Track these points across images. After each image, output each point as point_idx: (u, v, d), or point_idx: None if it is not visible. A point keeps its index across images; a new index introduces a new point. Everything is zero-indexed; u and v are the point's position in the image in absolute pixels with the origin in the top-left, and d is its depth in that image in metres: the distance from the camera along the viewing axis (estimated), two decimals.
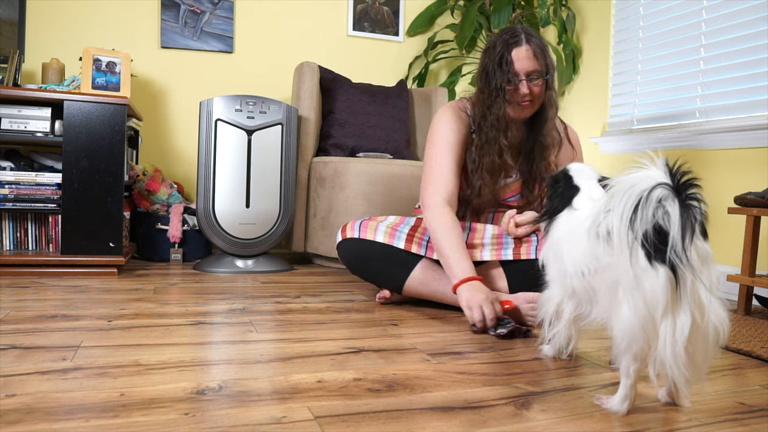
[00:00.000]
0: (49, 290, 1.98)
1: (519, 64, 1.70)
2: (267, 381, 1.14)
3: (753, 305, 2.03)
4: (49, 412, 0.95)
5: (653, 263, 0.95)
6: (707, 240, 1.00)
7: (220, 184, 2.55)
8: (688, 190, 0.94)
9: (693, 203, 0.94)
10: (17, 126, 2.31)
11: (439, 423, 0.97)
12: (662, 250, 0.94)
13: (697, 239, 0.97)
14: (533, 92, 1.72)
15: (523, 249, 1.78)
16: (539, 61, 1.71)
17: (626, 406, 1.02)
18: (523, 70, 1.70)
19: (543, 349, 1.40)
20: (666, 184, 0.94)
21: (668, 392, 1.09)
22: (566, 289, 1.20)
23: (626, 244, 0.96)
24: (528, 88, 1.71)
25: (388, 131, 3.00)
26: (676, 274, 0.95)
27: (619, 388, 1.03)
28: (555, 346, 1.34)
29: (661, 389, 1.10)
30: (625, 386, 1.02)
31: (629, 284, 0.97)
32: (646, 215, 0.94)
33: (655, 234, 0.94)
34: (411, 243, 1.83)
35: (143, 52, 3.04)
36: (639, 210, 0.94)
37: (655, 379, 1.00)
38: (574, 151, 1.94)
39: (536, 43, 1.72)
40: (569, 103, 3.33)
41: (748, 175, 2.29)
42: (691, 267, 0.94)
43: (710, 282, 0.97)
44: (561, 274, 1.20)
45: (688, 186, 0.95)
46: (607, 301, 1.04)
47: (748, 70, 2.34)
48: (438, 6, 3.50)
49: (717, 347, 0.99)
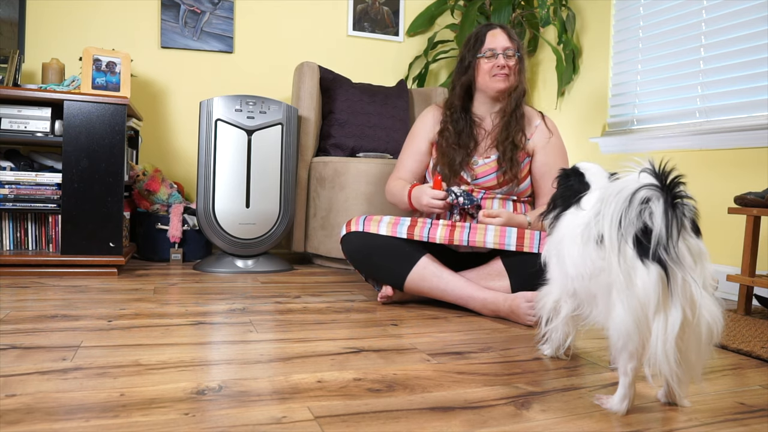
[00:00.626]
0: (49, 290, 1.98)
1: (495, 41, 1.92)
2: (267, 381, 1.14)
3: (753, 305, 2.03)
4: (49, 412, 0.95)
5: (644, 261, 0.96)
6: (700, 237, 1.01)
7: (220, 184, 2.55)
8: (673, 189, 0.96)
9: (679, 201, 0.96)
10: (17, 126, 2.31)
11: (439, 423, 0.97)
12: (651, 249, 0.96)
13: (689, 236, 0.98)
14: (509, 66, 1.91)
15: (526, 241, 1.77)
16: (513, 42, 1.93)
17: (625, 406, 1.03)
18: (499, 46, 1.91)
19: (542, 348, 1.40)
20: (651, 185, 0.96)
21: (666, 392, 1.09)
22: (567, 290, 1.20)
23: (616, 246, 0.98)
24: (505, 62, 1.90)
25: (388, 131, 3.00)
26: (666, 271, 0.95)
27: (618, 388, 1.04)
28: (553, 344, 1.34)
29: (660, 389, 1.11)
30: (623, 385, 1.03)
31: (621, 284, 0.98)
32: (632, 216, 0.96)
33: (643, 234, 0.96)
34: (413, 230, 1.84)
35: (143, 52, 3.04)
36: (626, 212, 0.97)
37: (650, 378, 1.00)
38: (551, 134, 2.01)
39: (509, 30, 1.95)
40: (569, 103, 3.33)
41: (748, 175, 2.29)
42: (680, 263, 0.95)
43: (704, 279, 0.98)
44: (562, 275, 1.20)
45: (674, 185, 0.96)
46: (603, 303, 1.05)
47: (748, 70, 2.34)
48: (438, 6, 3.50)
49: (711, 345, 1.00)
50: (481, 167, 1.95)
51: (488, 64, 1.92)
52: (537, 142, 1.97)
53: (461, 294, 1.81)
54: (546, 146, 1.95)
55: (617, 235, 0.98)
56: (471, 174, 1.95)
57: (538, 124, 2.01)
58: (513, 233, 1.77)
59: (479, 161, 1.97)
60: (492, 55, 1.91)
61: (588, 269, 1.08)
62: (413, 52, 3.52)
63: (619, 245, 0.98)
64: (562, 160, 2.00)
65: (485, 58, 1.92)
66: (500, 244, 1.77)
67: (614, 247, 0.98)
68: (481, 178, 1.94)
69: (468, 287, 1.81)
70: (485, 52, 1.92)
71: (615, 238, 0.98)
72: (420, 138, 2.07)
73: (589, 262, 1.07)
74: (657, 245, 0.95)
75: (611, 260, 0.99)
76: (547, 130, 1.98)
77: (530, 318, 1.67)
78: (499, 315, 1.76)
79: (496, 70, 1.91)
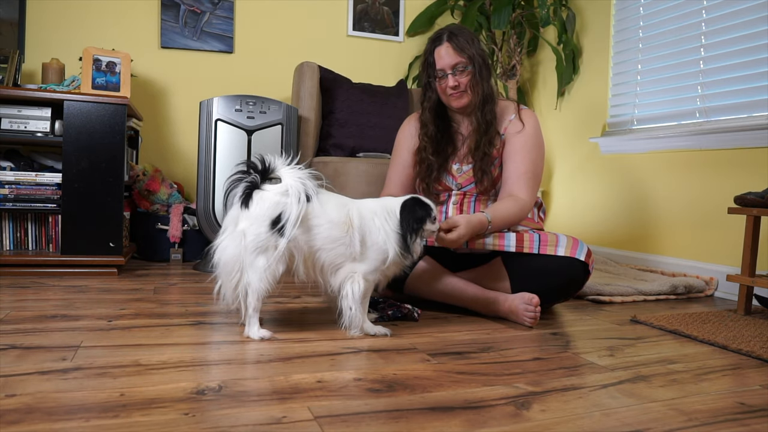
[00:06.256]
0: (49, 290, 1.98)
1: (441, 61, 1.83)
2: (267, 381, 1.14)
3: (753, 305, 2.03)
4: (49, 412, 0.95)
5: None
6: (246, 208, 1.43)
7: (220, 184, 2.55)
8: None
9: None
10: (17, 126, 2.31)
11: (438, 423, 0.97)
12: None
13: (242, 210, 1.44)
14: (461, 83, 1.82)
15: (525, 242, 1.77)
16: (462, 54, 1.81)
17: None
18: (446, 65, 1.82)
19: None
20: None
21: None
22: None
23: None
24: (455, 81, 1.82)
25: (388, 131, 2.99)
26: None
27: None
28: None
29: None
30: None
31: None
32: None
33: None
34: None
35: (143, 52, 3.04)
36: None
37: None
38: (523, 126, 1.88)
39: (458, 40, 1.82)
40: (569, 103, 3.33)
41: (748, 175, 2.29)
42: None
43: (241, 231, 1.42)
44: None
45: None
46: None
47: (748, 70, 2.34)
48: (438, 6, 3.50)
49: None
50: (463, 176, 1.92)
51: (441, 85, 1.85)
52: (508, 135, 1.89)
53: (461, 295, 1.81)
54: (514, 137, 1.87)
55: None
56: (456, 183, 1.93)
57: (512, 117, 1.91)
58: (512, 235, 1.78)
59: (463, 168, 1.93)
60: (442, 76, 1.83)
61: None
62: (413, 52, 3.52)
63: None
64: (529, 147, 1.86)
65: (438, 79, 1.85)
66: (500, 245, 1.77)
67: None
68: (465, 187, 1.92)
69: (468, 288, 1.81)
70: (438, 73, 1.84)
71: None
72: (403, 149, 2.03)
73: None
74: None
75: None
76: (520, 122, 1.89)
77: (528, 320, 1.67)
78: (498, 315, 1.76)
79: (449, 90, 1.83)
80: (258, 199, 1.43)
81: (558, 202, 3.39)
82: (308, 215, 1.44)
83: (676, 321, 1.79)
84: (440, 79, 1.85)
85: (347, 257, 1.48)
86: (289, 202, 1.40)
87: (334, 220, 1.46)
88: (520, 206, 1.78)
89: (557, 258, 1.73)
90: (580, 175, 3.21)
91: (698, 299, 2.28)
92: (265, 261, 1.41)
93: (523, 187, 1.81)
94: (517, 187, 1.81)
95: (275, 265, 1.42)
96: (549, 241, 1.76)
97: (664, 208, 2.68)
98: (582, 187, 3.19)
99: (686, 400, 1.12)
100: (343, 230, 1.47)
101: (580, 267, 1.75)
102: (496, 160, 1.88)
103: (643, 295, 2.21)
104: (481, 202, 1.91)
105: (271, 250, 1.41)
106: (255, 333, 1.44)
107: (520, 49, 3.37)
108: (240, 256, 1.42)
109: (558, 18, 3.21)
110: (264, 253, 1.41)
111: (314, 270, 1.50)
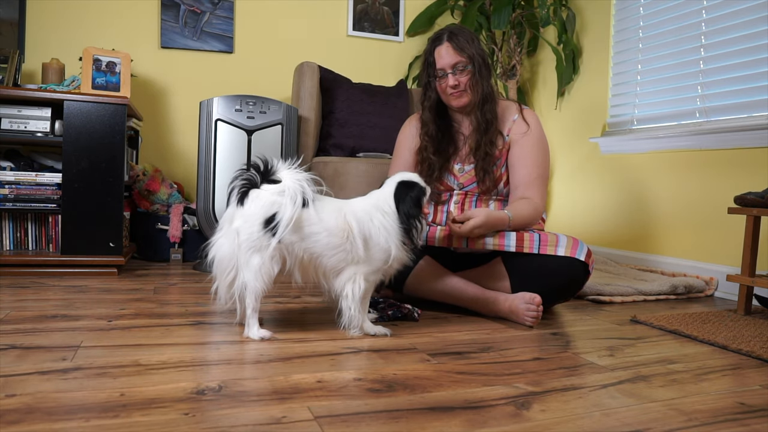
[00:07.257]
0: (49, 290, 1.98)
1: (441, 60, 1.84)
2: (267, 381, 1.14)
3: (753, 305, 2.03)
4: (49, 412, 0.95)
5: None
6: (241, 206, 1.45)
7: (220, 184, 2.55)
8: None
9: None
10: (17, 126, 2.31)
11: (438, 423, 0.97)
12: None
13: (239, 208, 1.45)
14: (461, 82, 1.83)
15: (526, 242, 1.77)
16: (462, 54, 1.82)
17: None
18: (446, 64, 1.83)
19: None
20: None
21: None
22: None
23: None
24: (455, 80, 1.83)
25: (388, 131, 2.99)
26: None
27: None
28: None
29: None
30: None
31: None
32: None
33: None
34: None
35: (143, 52, 3.04)
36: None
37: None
38: (528, 127, 1.89)
39: (458, 39, 1.84)
40: (569, 103, 3.33)
41: (748, 175, 2.29)
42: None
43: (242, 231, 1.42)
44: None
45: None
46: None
47: (748, 70, 2.34)
48: (438, 6, 3.50)
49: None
50: (464, 176, 1.93)
51: (441, 84, 1.86)
52: (513, 136, 1.90)
53: (461, 295, 1.81)
54: (521, 139, 1.88)
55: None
56: (458, 183, 1.93)
57: (515, 118, 1.91)
58: (512, 234, 1.77)
59: (465, 167, 1.93)
60: (442, 75, 1.85)
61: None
62: (413, 52, 3.52)
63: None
64: (537, 151, 1.88)
65: (438, 78, 1.86)
66: (500, 245, 1.77)
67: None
68: (467, 187, 1.92)
69: (468, 288, 1.81)
70: (438, 73, 1.85)
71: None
72: (404, 149, 2.03)
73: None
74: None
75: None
76: (524, 123, 1.90)
77: (529, 320, 1.67)
78: (499, 315, 1.76)
79: (450, 90, 1.84)
80: (253, 198, 1.43)
81: (558, 202, 3.39)
82: (304, 223, 1.44)
83: (676, 321, 1.79)
84: (440, 78, 1.86)
85: (349, 262, 1.48)
86: (284, 202, 1.40)
87: (332, 228, 1.46)
88: (534, 208, 1.82)
89: (557, 258, 1.73)
90: (580, 175, 3.21)
91: (698, 299, 2.28)
92: (259, 260, 1.41)
93: (536, 192, 1.85)
94: (530, 191, 1.85)
95: (269, 264, 1.42)
96: (549, 241, 1.76)
97: (664, 208, 2.68)
98: (582, 187, 3.19)
99: (686, 400, 1.12)
100: (342, 237, 1.46)
101: (580, 267, 1.75)
102: (499, 160, 1.89)
103: (643, 295, 2.21)
104: (482, 202, 1.91)
105: (265, 249, 1.41)
106: (255, 333, 1.44)
107: (520, 49, 3.37)
108: (234, 254, 1.43)
109: (558, 18, 3.21)
110: (258, 252, 1.41)
111: (316, 274, 1.50)
